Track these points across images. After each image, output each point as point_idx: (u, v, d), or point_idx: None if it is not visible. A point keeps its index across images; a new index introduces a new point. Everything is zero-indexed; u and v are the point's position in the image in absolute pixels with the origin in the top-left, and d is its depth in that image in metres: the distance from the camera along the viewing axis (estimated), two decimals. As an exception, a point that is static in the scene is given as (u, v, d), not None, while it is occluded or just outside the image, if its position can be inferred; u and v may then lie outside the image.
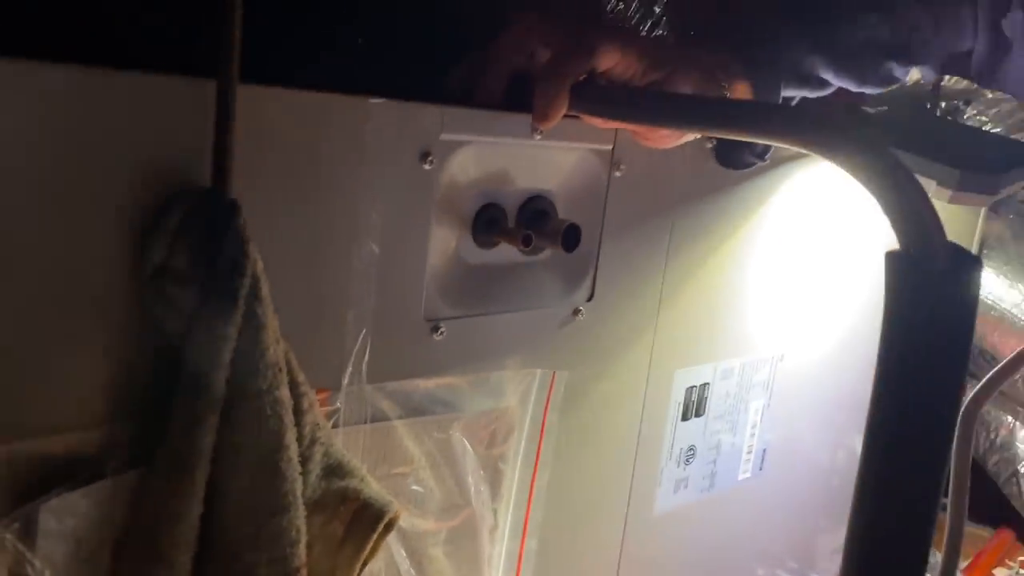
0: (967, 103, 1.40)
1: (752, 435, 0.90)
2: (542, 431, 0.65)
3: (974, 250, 1.32)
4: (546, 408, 0.65)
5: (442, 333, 0.58)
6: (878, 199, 0.38)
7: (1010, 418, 1.49)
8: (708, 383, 0.83)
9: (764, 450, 0.92)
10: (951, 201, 0.76)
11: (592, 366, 0.70)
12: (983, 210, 1.30)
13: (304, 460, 0.46)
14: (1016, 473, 1.48)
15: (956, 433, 0.56)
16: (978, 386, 0.55)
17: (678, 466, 0.82)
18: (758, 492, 0.92)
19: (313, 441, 0.47)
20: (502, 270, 0.62)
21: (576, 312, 0.67)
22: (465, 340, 0.59)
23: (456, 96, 0.57)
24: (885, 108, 0.92)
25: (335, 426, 0.53)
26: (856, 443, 0.96)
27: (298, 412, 0.46)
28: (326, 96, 0.48)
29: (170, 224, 0.42)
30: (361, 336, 0.53)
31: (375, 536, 0.47)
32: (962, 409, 0.55)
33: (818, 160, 0.83)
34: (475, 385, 0.61)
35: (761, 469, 0.92)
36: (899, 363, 0.39)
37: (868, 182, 0.39)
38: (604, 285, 0.69)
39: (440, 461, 0.59)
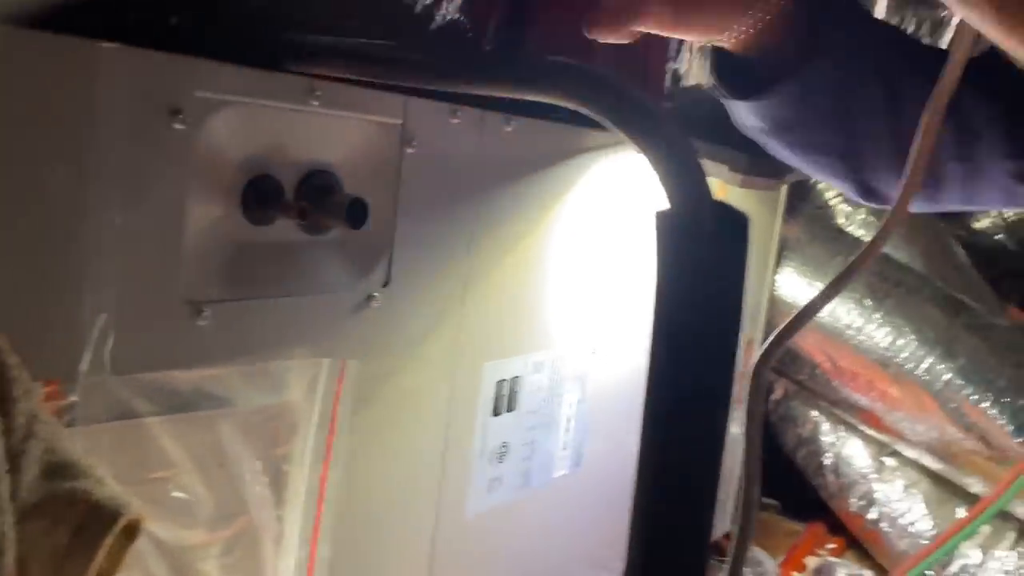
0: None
1: (567, 430, 0.88)
2: (332, 427, 0.59)
3: (773, 252, 1.39)
4: (336, 402, 0.60)
5: (206, 317, 0.51)
6: (647, 156, 0.37)
7: (815, 413, 1.57)
8: (519, 376, 0.80)
9: (580, 446, 0.91)
10: (742, 185, 0.77)
11: (390, 357, 0.65)
12: (780, 214, 1.37)
13: (15, 456, 0.39)
14: (822, 465, 1.56)
15: (747, 393, 0.56)
16: (766, 343, 0.55)
17: (490, 464, 0.79)
18: (576, 489, 0.90)
19: (29, 435, 0.40)
20: (282, 249, 0.57)
21: (370, 298, 0.62)
22: (236, 326, 0.53)
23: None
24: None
25: (71, 424, 0.45)
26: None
27: (6, 400, 0.38)
28: (36, 34, 0.41)
29: None
30: (101, 319, 0.46)
31: (107, 542, 0.40)
32: (753, 366, 0.54)
33: (624, 149, 0.84)
34: (250, 377, 0.54)
35: (579, 465, 0.91)
36: (671, 324, 0.37)
37: (637, 139, 0.37)
38: (401, 270, 0.64)
39: (209, 464, 0.53)
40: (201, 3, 0.51)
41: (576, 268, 0.83)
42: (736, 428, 0.58)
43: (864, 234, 1.53)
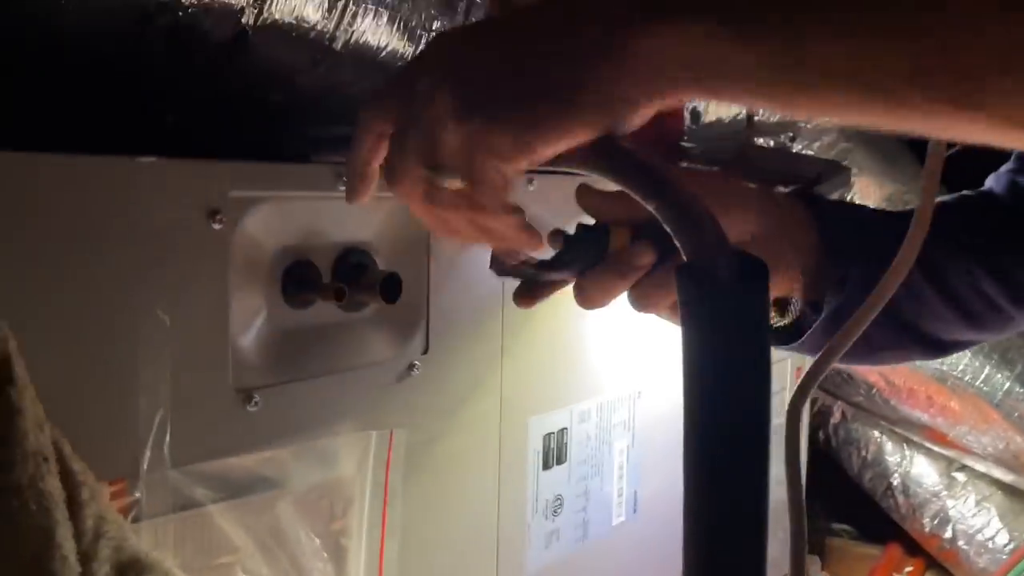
0: (792, 139, 1.48)
1: (620, 477, 0.88)
2: (385, 497, 0.61)
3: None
4: (387, 471, 0.61)
5: (256, 403, 0.53)
6: (662, 218, 0.37)
7: (877, 433, 1.54)
8: (566, 428, 0.81)
9: (635, 492, 0.90)
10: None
11: (435, 421, 0.66)
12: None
13: (86, 558, 0.41)
14: (890, 486, 1.53)
15: (785, 431, 0.56)
16: (801, 376, 0.55)
17: (546, 519, 0.79)
18: (636, 535, 0.90)
19: (98, 536, 0.42)
20: (322, 330, 0.59)
21: (411, 367, 0.64)
22: (285, 408, 0.55)
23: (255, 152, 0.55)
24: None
25: (136, 520, 0.48)
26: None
27: (74, 505, 0.41)
28: (80, 158, 0.44)
29: None
30: (158, 416, 0.48)
31: (177, 634, 0.42)
32: (787, 404, 0.55)
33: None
34: (301, 456, 0.56)
35: (635, 511, 0.91)
36: (701, 377, 0.37)
37: (643, 198, 0.38)
38: (439, 336, 0.66)
39: (271, 545, 0.54)
40: (220, 107, 0.55)
41: (612, 313, 0.84)
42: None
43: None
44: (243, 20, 0.58)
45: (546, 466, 0.79)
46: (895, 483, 1.51)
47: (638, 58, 0.33)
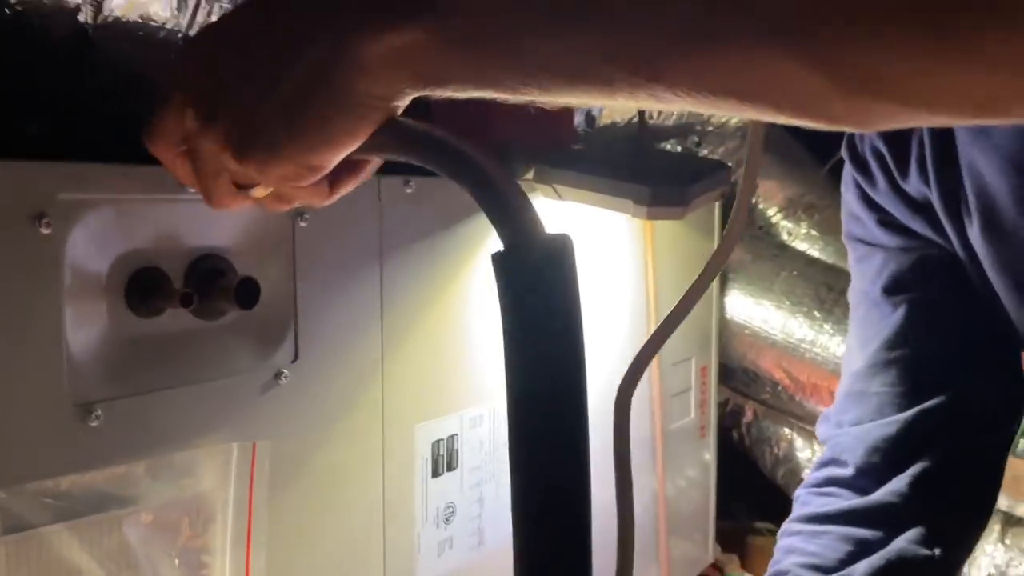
0: (698, 144, 1.51)
1: (517, 482, 0.87)
2: (249, 511, 0.58)
3: (717, 280, 1.40)
4: (251, 485, 0.59)
5: (98, 417, 0.51)
6: (476, 199, 0.37)
7: (787, 430, 1.56)
8: (456, 434, 0.79)
9: (534, 496, 0.89)
10: (648, 217, 0.78)
11: (308, 432, 0.64)
12: (717, 238, 1.39)
13: None
14: (800, 481, 1.55)
15: (613, 422, 0.56)
16: (625, 371, 0.55)
17: (437, 527, 0.78)
18: (535, 541, 0.89)
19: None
20: (178, 340, 0.57)
21: (279, 375, 0.62)
22: (133, 422, 0.53)
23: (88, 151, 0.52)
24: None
25: (-42, 545, 0.44)
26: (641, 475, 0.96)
27: None
28: None
29: None
30: (-18, 433, 0.45)
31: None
32: (616, 397, 0.55)
33: (535, 193, 0.85)
34: (155, 471, 0.54)
35: (535, 516, 0.89)
36: (520, 357, 0.36)
37: (467, 183, 0.37)
38: (310, 343, 0.64)
39: (121, 567, 0.52)
40: (64, 109, 0.52)
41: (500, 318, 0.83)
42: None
43: (808, 247, 1.55)
44: (80, 18, 0.55)
45: (435, 474, 0.77)
46: (805, 477, 1.54)
47: (374, 63, 0.34)
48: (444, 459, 0.78)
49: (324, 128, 0.35)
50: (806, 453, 1.55)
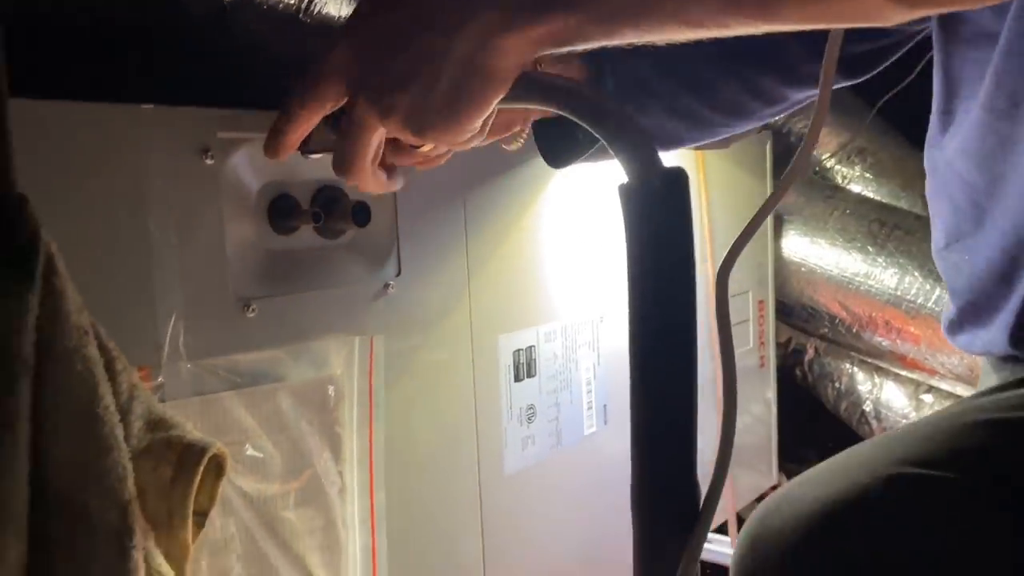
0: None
1: (588, 392, 0.99)
2: (370, 394, 0.72)
3: (771, 221, 1.48)
4: (370, 373, 0.72)
5: (254, 310, 0.64)
6: (607, 142, 0.44)
7: (847, 364, 1.64)
8: (533, 345, 0.91)
9: (604, 405, 1.01)
10: (695, 146, 0.88)
11: (411, 335, 0.77)
12: (769, 180, 1.47)
13: (124, 412, 0.51)
14: (864, 413, 1.63)
15: (715, 299, 0.62)
16: (724, 256, 0.62)
17: (521, 425, 0.90)
18: (606, 443, 1.01)
19: (132, 397, 0.53)
20: (307, 253, 0.70)
21: (387, 287, 0.75)
22: (278, 316, 0.66)
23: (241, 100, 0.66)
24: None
25: (162, 400, 0.58)
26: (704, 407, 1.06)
27: (111, 371, 0.51)
28: (94, 106, 0.55)
29: (-36, 219, 0.48)
30: (172, 318, 0.59)
31: (200, 470, 0.53)
32: (716, 275, 0.61)
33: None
34: (297, 356, 0.67)
35: (606, 423, 1.01)
36: (640, 273, 0.44)
37: (598, 128, 0.44)
38: (410, 261, 0.77)
39: (275, 428, 0.65)
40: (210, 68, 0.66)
41: (574, 242, 0.95)
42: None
43: (862, 189, 1.62)
44: (222, -2, 0.69)
45: (517, 379, 0.89)
46: (867, 410, 1.61)
47: (518, 46, 0.43)
48: (524, 367, 0.90)
49: (478, 102, 0.45)
50: (866, 386, 1.62)
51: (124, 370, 0.53)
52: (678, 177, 0.43)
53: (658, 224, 0.43)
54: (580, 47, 0.44)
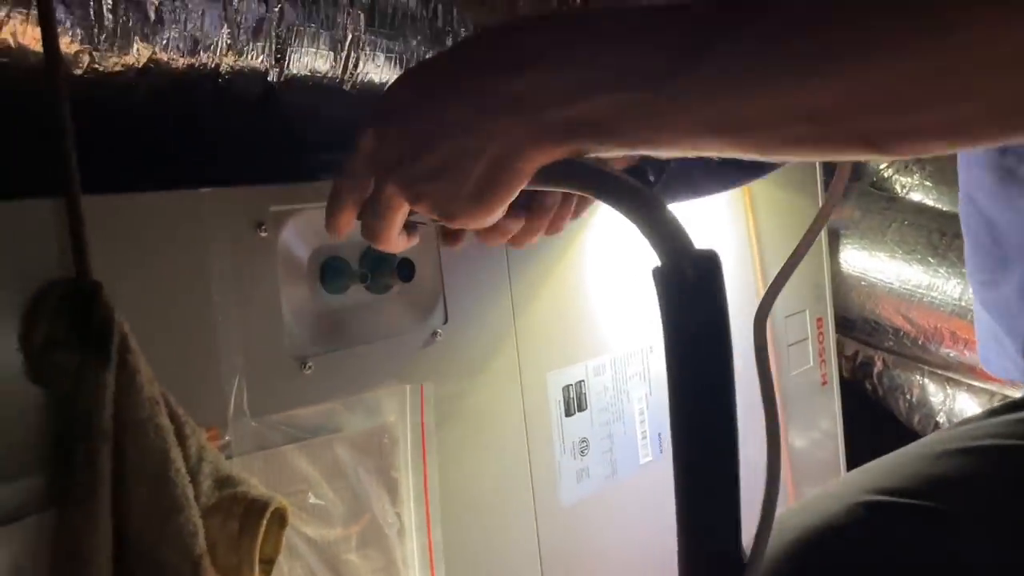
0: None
1: (642, 421, 1.01)
2: (423, 437, 0.76)
3: (825, 236, 1.47)
4: (422, 418, 0.76)
5: (310, 367, 0.69)
6: (638, 226, 0.45)
7: (918, 376, 1.61)
8: (583, 380, 0.94)
9: (659, 433, 1.03)
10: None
11: (461, 378, 0.81)
12: (820, 198, 1.46)
13: (193, 473, 0.57)
14: (938, 425, 1.59)
15: (754, 340, 0.62)
16: (763, 295, 0.63)
17: (574, 458, 0.93)
18: (663, 473, 1.02)
19: (201, 459, 0.58)
20: (356, 309, 0.75)
21: (434, 334, 0.79)
22: (333, 371, 0.71)
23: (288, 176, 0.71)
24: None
25: (229, 456, 0.64)
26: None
27: (181, 436, 0.57)
28: (158, 194, 0.61)
29: (48, 307, 0.54)
30: (236, 379, 0.65)
31: (264, 523, 0.58)
32: (754, 318, 0.62)
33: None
34: (351, 407, 0.72)
35: (661, 451, 1.03)
36: (678, 361, 0.45)
37: (627, 212, 0.46)
38: (456, 307, 0.81)
39: (335, 476, 0.70)
40: (260, 142, 0.72)
41: (619, 273, 0.98)
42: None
43: (922, 198, 1.59)
44: (269, 79, 0.75)
45: (568, 413, 0.93)
46: (942, 421, 1.58)
47: (548, 152, 0.46)
48: (575, 401, 0.93)
49: (503, 194, 0.48)
50: (939, 397, 1.59)
51: (193, 433, 0.58)
52: (709, 261, 0.43)
53: (692, 312, 0.44)
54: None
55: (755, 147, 0.42)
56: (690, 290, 0.43)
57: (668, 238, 0.44)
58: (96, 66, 0.61)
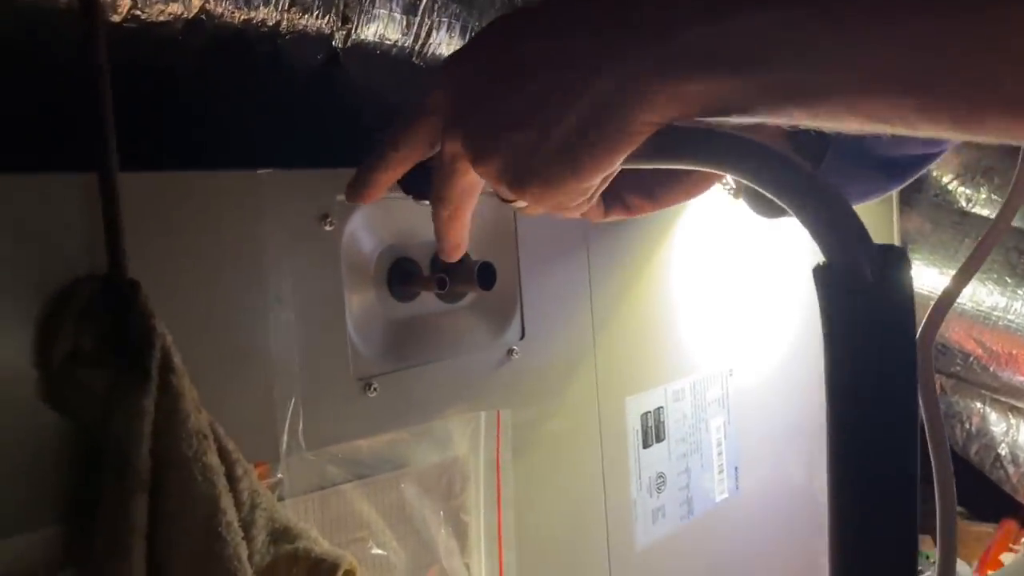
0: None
1: (719, 454, 0.90)
2: (498, 473, 0.64)
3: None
4: (497, 449, 0.65)
5: (375, 390, 0.58)
6: (799, 214, 0.34)
7: (979, 404, 1.50)
8: (662, 406, 0.83)
9: (736, 468, 0.92)
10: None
11: (537, 402, 0.70)
12: (896, 207, 1.36)
13: (247, 525, 0.45)
14: (999, 457, 1.49)
15: (917, 363, 0.51)
16: (929, 309, 0.53)
17: (651, 496, 0.82)
18: (740, 511, 0.91)
19: (254, 507, 0.47)
20: (427, 320, 0.64)
21: (511, 352, 0.68)
22: (400, 394, 0.60)
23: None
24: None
25: (281, 498, 0.52)
26: (822, 443, 0.96)
27: (232, 479, 0.46)
28: (207, 174, 0.50)
29: (73, 310, 0.43)
30: (291, 403, 0.53)
31: (331, 590, 0.46)
32: (918, 334, 0.53)
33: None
34: (420, 437, 0.61)
35: (738, 488, 0.92)
36: (849, 379, 0.34)
37: (789, 200, 0.35)
38: (533, 322, 0.70)
39: (398, 520, 0.59)
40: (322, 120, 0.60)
41: (700, 294, 0.87)
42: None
43: (990, 212, 1.49)
44: (333, 44, 0.63)
45: (646, 444, 0.81)
46: (1003, 453, 1.48)
47: (664, 100, 0.34)
48: (653, 431, 0.82)
49: (603, 152, 0.35)
50: (1001, 427, 1.48)
51: (245, 474, 0.47)
52: (896, 258, 0.33)
53: (869, 322, 0.33)
54: (736, 120, 0.34)
55: (958, 111, 0.29)
56: (868, 292, 0.32)
57: (840, 227, 0.33)
58: (138, 11, 0.49)
